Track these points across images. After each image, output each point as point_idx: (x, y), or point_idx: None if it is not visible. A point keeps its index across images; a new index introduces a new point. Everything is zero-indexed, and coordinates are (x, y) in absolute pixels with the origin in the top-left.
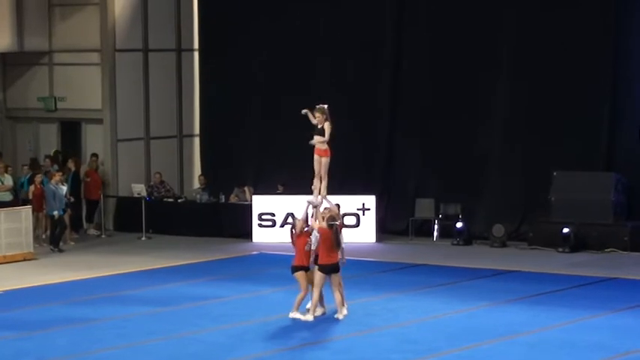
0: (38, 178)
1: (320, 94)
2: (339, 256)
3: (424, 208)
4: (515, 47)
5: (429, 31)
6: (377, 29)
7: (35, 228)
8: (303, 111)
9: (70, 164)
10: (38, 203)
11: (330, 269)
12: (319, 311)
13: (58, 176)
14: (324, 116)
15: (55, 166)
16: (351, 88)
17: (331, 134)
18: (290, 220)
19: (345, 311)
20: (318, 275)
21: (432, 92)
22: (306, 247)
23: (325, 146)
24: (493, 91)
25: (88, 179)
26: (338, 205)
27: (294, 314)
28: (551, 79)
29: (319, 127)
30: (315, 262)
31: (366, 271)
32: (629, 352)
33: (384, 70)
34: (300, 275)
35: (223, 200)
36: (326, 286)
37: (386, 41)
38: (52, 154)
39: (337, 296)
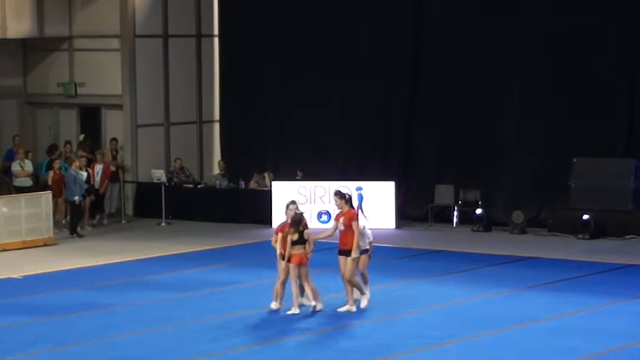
0: (57, 163)
1: (339, 79)
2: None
3: (443, 194)
4: (535, 34)
5: (448, 15)
6: (395, 13)
7: (54, 213)
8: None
9: (103, 153)
10: (57, 189)
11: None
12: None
13: (78, 162)
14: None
15: (78, 152)
16: (370, 74)
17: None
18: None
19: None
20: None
21: (451, 78)
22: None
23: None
24: (512, 78)
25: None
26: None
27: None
28: (570, 66)
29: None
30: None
31: (386, 257)
32: None
33: (403, 55)
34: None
35: (243, 186)
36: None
37: (404, 27)
38: (80, 139)
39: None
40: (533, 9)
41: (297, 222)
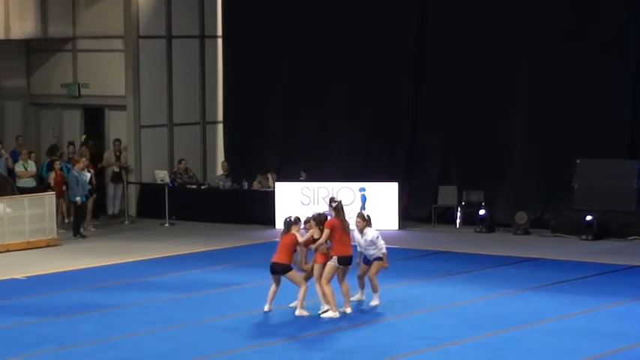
0: (57, 164)
1: (342, 80)
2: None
3: (447, 195)
4: (538, 34)
5: (451, 18)
6: (399, 15)
7: (56, 214)
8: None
9: (85, 151)
10: (59, 189)
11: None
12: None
13: (82, 162)
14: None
15: (81, 151)
16: (373, 75)
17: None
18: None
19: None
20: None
21: (454, 79)
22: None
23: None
24: (515, 79)
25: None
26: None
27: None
28: (574, 65)
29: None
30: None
31: (389, 258)
32: None
33: (406, 56)
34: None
35: (246, 187)
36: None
37: (408, 28)
38: (82, 139)
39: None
40: (537, 10)
41: (322, 222)
